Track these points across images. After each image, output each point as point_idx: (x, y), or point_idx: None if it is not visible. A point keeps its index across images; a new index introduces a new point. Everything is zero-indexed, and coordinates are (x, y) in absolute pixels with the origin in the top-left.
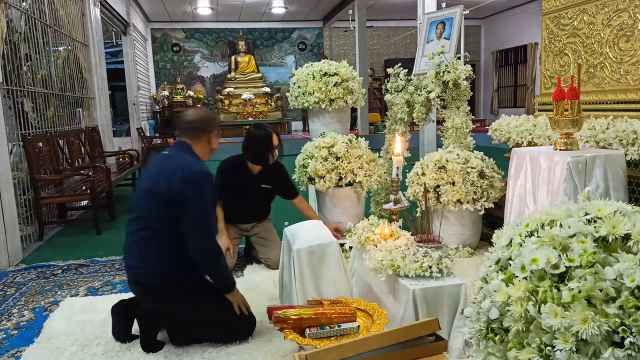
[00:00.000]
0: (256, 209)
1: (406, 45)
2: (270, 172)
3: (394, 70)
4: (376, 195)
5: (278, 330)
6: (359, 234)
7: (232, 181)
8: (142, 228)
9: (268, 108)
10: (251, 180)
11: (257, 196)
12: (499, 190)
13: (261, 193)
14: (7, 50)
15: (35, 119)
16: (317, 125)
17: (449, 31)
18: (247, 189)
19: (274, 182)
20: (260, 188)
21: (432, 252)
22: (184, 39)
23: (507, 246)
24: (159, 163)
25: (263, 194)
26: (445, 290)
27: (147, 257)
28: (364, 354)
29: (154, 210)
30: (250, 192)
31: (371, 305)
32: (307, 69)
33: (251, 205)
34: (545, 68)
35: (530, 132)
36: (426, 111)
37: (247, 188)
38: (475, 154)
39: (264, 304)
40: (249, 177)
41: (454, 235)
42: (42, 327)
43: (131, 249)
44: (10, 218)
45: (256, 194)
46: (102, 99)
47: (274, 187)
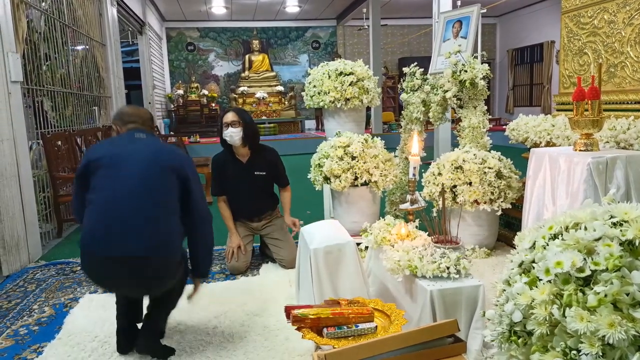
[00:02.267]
0: (258, 200)
1: (420, 43)
2: (260, 158)
3: (410, 69)
4: (391, 194)
5: (296, 329)
6: (375, 233)
7: (227, 174)
8: (153, 207)
9: (281, 107)
10: (244, 169)
11: (254, 185)
12: (516, 191)
13: (257, 181)
14: (27, 50)
15: (54, 118)
16: (333, 125)
17: (465, 30)
18: (242, 179)
19: (266, 168)
20: (254, 176)
21: (449, 253)
22: (199, 38)
23: (530, 249)
24: (146, 146)
25: (259, 182)
26: (463, 291)
27: (163, 235)
28: (382, 354)
29: (170, 189)
30: (245, 181)
31: (389, 306)
32: (323, 68)
33: (251, 196)
34: (564, 67)
35: (548, 132)
36: (442, 110)
37: (241, 178)
38: (493, 154)
39: (281, 303)
40: (240, 167)
41: (470, 236)
42: (62, 323)
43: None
44: (31, 215)
45: (252, 183)
46: (118, 98)
47: (268, 174)
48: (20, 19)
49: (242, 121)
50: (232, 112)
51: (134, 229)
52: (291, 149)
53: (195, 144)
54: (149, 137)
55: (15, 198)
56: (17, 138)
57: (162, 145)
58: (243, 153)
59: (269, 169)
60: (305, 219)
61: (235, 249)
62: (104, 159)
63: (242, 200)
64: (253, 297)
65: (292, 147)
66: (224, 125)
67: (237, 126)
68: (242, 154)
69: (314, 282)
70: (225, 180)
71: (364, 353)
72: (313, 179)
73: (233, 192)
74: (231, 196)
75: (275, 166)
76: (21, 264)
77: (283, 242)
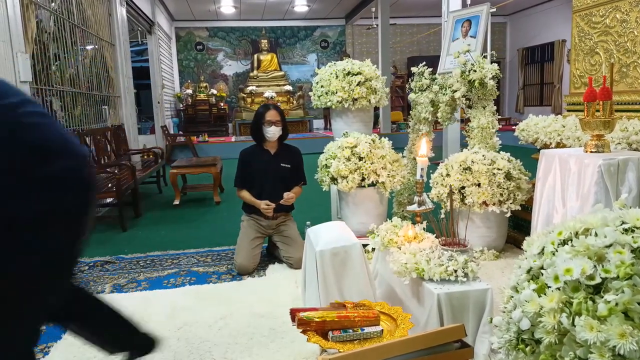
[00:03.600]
0: (280, 193)
1: (429, 42)
2: (288, 152)
3: (419, 69)
4: (399, 195)
5: (301, 332)
6: (382, 235)
7: (254, 164)
8: None
9: (290, 106)
10: (271, 159)
11: (278, 176)
12: (526, 192)
13: (281, 172)
14: (36, 50)
15: (63, 117)
16: (340, 125)
17: (475, 29)
18: (268, 168)
19: (292, 162)
20: (280, 166)
21: (457, 256)
22: (208, 38)
23: (538, 254)
24: None
25: (283, 174)
26: (470, 295)
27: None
28: (388, 359)
29: None
30: (271, 170)
31: (395, 309)
32: (330, 68)
33: (275, 187)
34: (575, 67)
35: (559, 133)
36: (451, 111)
37: (268, 167)
38: (502, 154)
39: (287, 304)
40: (268, 156)
41: (479, 238)
42: None
43: None
44: None
45: (277, 173)
46: (127, 98)
47: (292, 168)
48: (30, 19)
49: (283, 121)
50: (275, 111)
51: None
52: (300, 148)
53: (203, 144)
54: None
55: None
56: None
57: None
58: (272, 146)
59: (293, 164)
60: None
61: (266, 205)
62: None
63: (265, 190)
64: (259, 298)
65: (300, 147)
66: (267, 122)
67: (279, 125)
68: (271, 146)
69: (319, 284)
70: (251, 171)
71: (370, 357)
72: (320, 180)
73: (257, 181)
74: (255, 185)
75: (298, 163)
76: None
77: (293, 240)
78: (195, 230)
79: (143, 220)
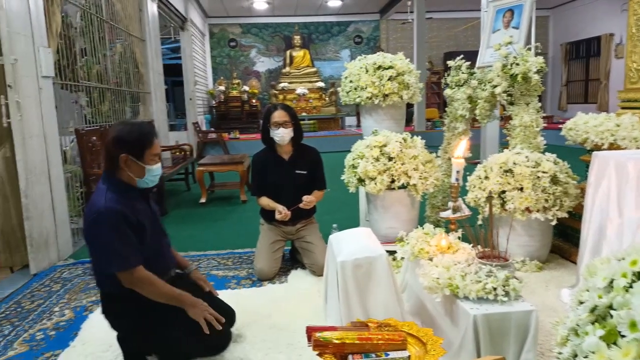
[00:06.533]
0: (298, 200)
1: (467, 37)
2: (302, 156)
3: (455, 62)
4: (432, 198)
5: (317, 354)
6: (412, 244)
7: (268, 172)
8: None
9: (322, 103)
10: (285, 167)
11: (295, 184)
12: (573, 198)
13: (298, 180)
14: (62, 45)
15: (89, 113)
16: (370, 122)
17: (517, 20)
18: (283, 177)
19: (308, 167)
20: (295, 174)
21: (497, 272)
22: (241, 34)
23: (605, 288)
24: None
25: (300, 181)
26: (512, 317)
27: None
28: None
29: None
30: (286, 180)
31: (424, 331)
32: (360, 62)
33: (291, 195)
34: (632, 60)
35: (612, 132)
36: (490, 107)
37: (283, 176)
38: (548, 156)
39: (307, 316)
40: (282, 164)
41: (520, 247)
42: (79, 328)
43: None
44: (61, 212)
45: (293, 182)
46: (157, 94)
47: (309, 173)
48: (55, 14)
49: (293, 121)
50: (282, 111)
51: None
52: (331, 146)
53: (234, 140)
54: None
55: (45, 195)
56: (47, 134)
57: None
58: (286, 151)
59: (310, 169)
60: (340, 223)
61: (283, 211)
62: None
63: (282, 200)
64: (278, 308)
65: (332, 145)
66: (274, 124)
67: (289, 126)
68: (285, 151)
69: (340, 298)
70: (266, 179)
71: None
72: (347, 181)
73: (273, 191)
74: (271, 195)
75: (316, 166)
76: (50, 262)
77: (316, 246)
78: (218, 230)
79: (168, 218)
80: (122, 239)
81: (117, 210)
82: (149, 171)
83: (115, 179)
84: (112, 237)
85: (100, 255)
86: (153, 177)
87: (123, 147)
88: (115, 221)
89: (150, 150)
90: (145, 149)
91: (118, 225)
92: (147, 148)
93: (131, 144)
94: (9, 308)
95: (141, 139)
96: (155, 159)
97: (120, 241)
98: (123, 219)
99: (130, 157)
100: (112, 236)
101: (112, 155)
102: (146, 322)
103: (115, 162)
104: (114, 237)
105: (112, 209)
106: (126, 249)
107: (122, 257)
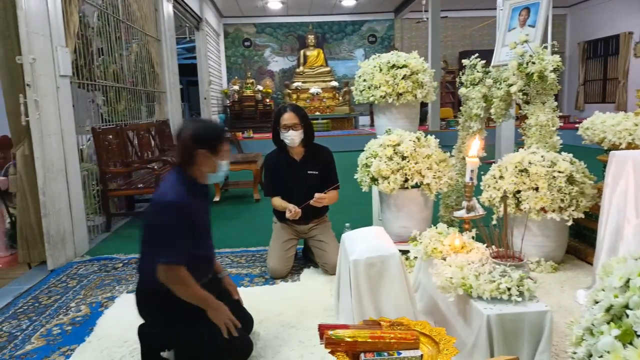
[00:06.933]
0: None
1: (483, 36)
2: (314, 157)
3: (470, 61)
4: (446, 198)
5: (329, 352)
6: (426, 243)
7: (280, 173)
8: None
9: (335, 102)
10: (297, 168)
11: (307, 185)
12: (590, 198)
13: (310, 181)
14: (79, 44)
15: (106, 112)
16: (383, 121)
17: (534, 18)
18: (295, 178)
19: (320, 167)
20: (307, 175)
21: (511, 272)
22: (255, 34)
23: (621, 288)
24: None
25: (312, 182)
26: (526, 317)
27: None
28: None
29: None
30: (298, 180)
31: (437, 331)
32: (374, 61)
33: (304, 196)
34: None
35: (630, 132)
36: (505, 106)
37: (294, 177)
38: (564, 155)
39: (318, 314)
40: (294, 165)
41: (535, 247)
42: (95, 324)
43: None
44: (78, 210)
45: (305, 182)
46: (173, 93)
47: (321, 173)
48: (72, 14)
49: (303, 123)
50: (291, 113)
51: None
52: (344, 145)
53: (248, 140)
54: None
55: (62, 192)
56: (64, 132)
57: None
58: (298, 152)
59: (322, 169)
60: (353, 222)
61: (293, 209)
62: None
63: (295, 201)
64: (291, 306)
65: (345, 144)
66: (283, 127)
67: (299, 129)
68: (296, 152)
69: (353, 297)
70: (278, 180)
71: None
72: (360, 180)
73: (285, 192)
74: (284, 196)
75: (327, 166)
76: (66, 259)
77: (328, 245)
78: (232, 228)
79: None
80: (182, 235)
81: (186, 206)
82: (221, 166)
83: (186, 174)
84: (174, 229)
85: (156, 242)
86: (223, 172)
87: (201, 143)
88: (182, 215)
89: (224, 146)
90: (221, 145)
91: (183, 220)
92: (221, 144)
93: (208, 140)
94: (27, 303)
95: (217, 135)
96: (226, 155)
97: (179, 235)
98: (189, 215)
99: (207, 153)
100: (174, 228)
101: (189, 151)
102: (184, 323)
103: (192, 158)
104: (175, 230)
105: (182, 204)
106: (180, 244)
107: (174, 251)
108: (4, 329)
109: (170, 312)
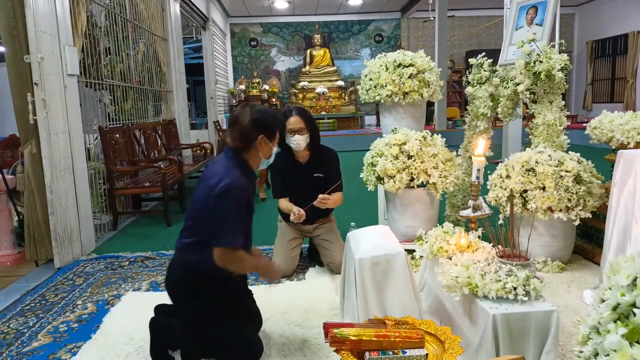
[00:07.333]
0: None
1: (490, 35)
2: (319, 159)
3: (477, 60)
4: (452, 197)
5: (334, 350)
6: (431, 242)
7: (285, 176)
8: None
9: (342, 102)
10: (302, 171)
11: (312, 187)
12: (597, 198)
13: (315, 183)
14: (87, 44)
15: (113, 111)
16: (389, 121)
17: (541, 17)
18: (300, 180)
19: (325, 170)
20: (312, 177)
21: (517, 271)
22: (262, 34)
23: (629, 287)
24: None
25: (317, 184)
26: (532, 316)
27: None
28: None
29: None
30: (304, 183)
31: (442, 330)
32: (380, 60)
33: (309, 198)
34: None
35: (638, 131)
36: (513, 106)
37: (300, 179)
38: (571, 155)
39: (323, 313)
40: (299, 168)
41: (541, 247)
42: (101, 322)
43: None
44: (85, 208)
45: (310, 185)
46: (179, 93)
47: (326, 175)
48: (80, 13)
49: (309, 127)
50: (297, 117)
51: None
52: (350, 145)
53: None
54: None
55: (69, 191)
56: (72, 131)
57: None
58: (303, 155)
59: (328, 171)
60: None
61: (297, 212)
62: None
63: (301, 203)
64: (296, 305)
65: (351, 143)
66: (289, 131)
67: (304, 133)
68: (302, 156)
69: (358, 295)
70: (285, 183)
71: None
72: (365, 179)
73: (292, 194)
74: (291, 198)
75: (332, 169)
76: (73, 257)
77: (333, 244)
78: None
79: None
80: (241, 218)
81: (245, 189)
82: (273, 152)
83: (241, 157)
84: (235, 213)
85: (217, 226)
86: (273, 158)
87: (262, 128)
88: (242, 199)
89: (277, 133)
90: (277, 131)
91: (242, 203)
92: (278, 130)
93: (268, 126)
94: (34, 300)
95: (276, 122)
96: (276, 142)
97: (240, 219)
98: (247, 198)
99: (265, 138)
100: (236, 212)
101: (249, 136)
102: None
103: (251, 142)
104: (237, 213)
105: (242, 187)
106: (241, 227)
107: (235, 234)
108: (11, 325)
109: (199, 303)
